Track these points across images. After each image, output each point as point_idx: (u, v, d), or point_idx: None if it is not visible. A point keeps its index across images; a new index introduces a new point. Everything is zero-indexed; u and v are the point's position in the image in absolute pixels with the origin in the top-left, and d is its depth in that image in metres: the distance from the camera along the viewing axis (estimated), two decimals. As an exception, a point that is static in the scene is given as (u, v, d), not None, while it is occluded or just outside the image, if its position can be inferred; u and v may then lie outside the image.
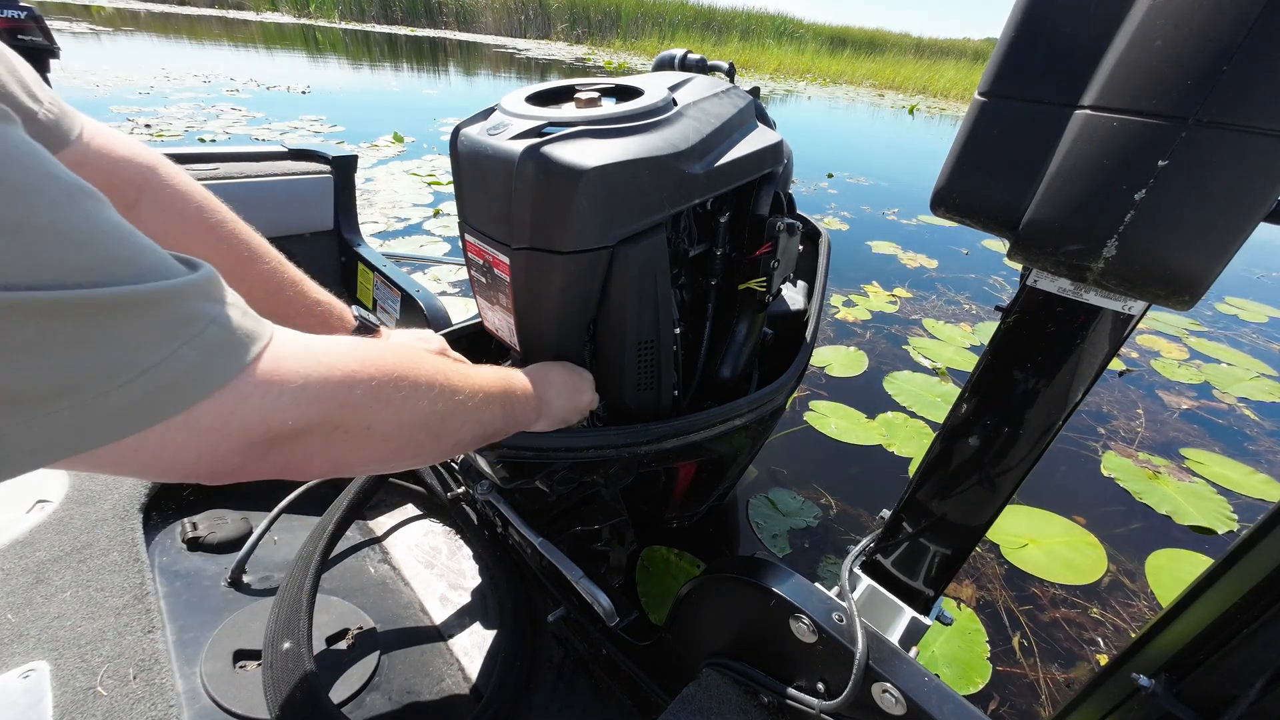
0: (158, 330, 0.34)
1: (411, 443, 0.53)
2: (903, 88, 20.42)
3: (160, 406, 0.35)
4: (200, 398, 0.37)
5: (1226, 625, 0.53)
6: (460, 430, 0.60)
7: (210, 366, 0.37)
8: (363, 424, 0.47)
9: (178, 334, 0.35)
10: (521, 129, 0.73)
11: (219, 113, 7.00)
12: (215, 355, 0.37)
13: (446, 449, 0.60)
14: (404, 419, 0.51)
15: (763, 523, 1.85)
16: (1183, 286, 0.45)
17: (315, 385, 0.43)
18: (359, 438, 0.48)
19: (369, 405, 0.47)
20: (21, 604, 0.92)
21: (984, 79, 0.52)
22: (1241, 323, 3.85)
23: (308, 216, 1.79)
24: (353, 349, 0.48)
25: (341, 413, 0.45)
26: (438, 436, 0.57)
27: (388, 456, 0.52)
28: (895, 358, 2.94)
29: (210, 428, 0.38)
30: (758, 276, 0.96)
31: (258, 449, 0.41)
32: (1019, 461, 0.67)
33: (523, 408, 0.72)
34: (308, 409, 0.43)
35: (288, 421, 0.41)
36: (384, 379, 0.49)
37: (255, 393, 0.39)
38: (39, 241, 0.30)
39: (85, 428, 0.33)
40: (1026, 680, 1.47)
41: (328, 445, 0.46)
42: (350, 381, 0.46)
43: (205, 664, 0.99)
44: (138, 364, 0.34)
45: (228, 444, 0.39)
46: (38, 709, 0.80)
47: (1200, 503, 2.13)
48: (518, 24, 31.05)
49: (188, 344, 0.36)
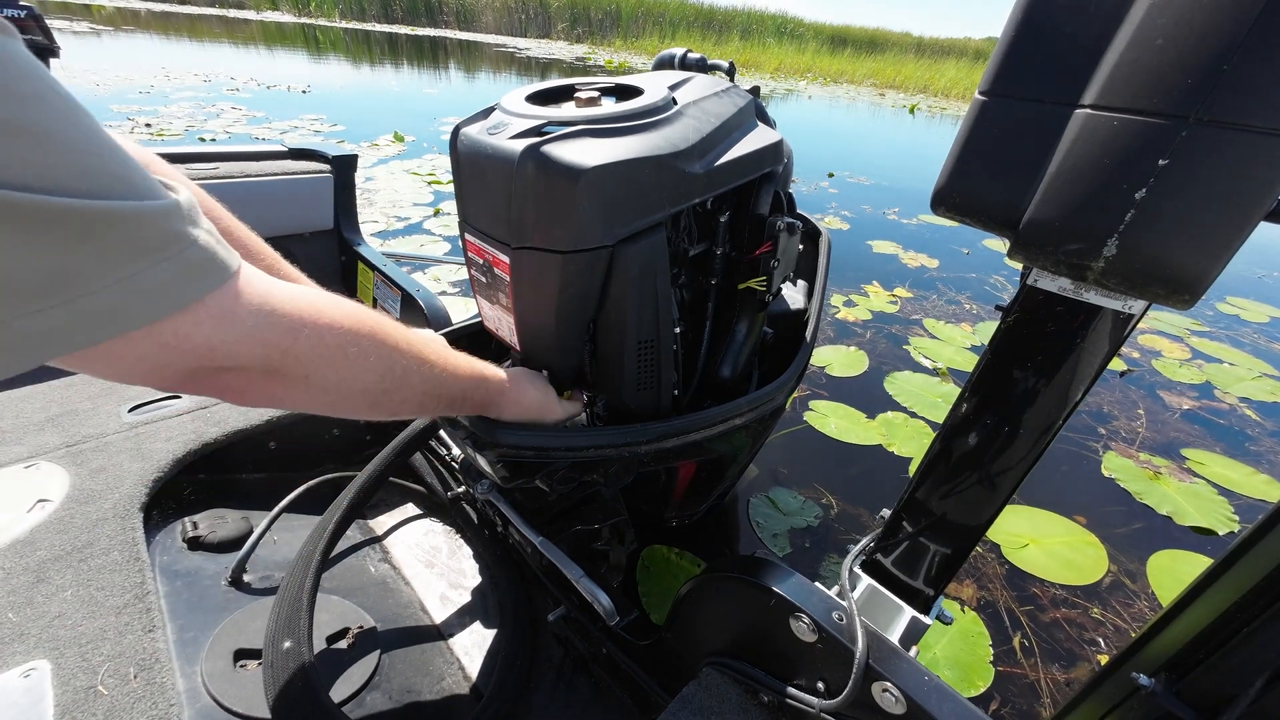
0: (143, 244, 0.37)
1: (348, 402, 0.56)
2: (903, 87, 20.41)
3: (134, 314, 0.38)
4: (167, 313, 0.39)
5: (1226, 625, 0.53)
6: (399, 407, 0.63)
7: (181, 286, 0.40)
8: (300, 373, 0.49)
9: (159, 249, 0.38)
10: (521, 128, 0.73)
11: (219, 112, 7.01)
12: (188, 275, 0.40)
13: (383, 415, 0.63)
14: (345, 379, 0.53)
15: (763, 522, 1.85)
16: (1183, 286, 0.45)
17: (267, 324, 0.45)
18: (296, 385, 0.50)
19: (311, 357, 0.49)
20: (22, 603, 0.92)
21: (984, 78, 0.52)
22: (1243, 322, 3.85)
23: (308, 216, 1.79)
24: (313, 302, 0.50)
25: (282, 358, 0.47)
26: (375, 405, 0.59)
27: (325, 407, 0.55)
28: (896, 358, 2.94)
29: (167, 345, 0.41)
30: (758, 276, 0.96)
31: (203, 373, 0.44)
32: (1019, 461, 0.67)
33: (472, 410, 0.76)
34: (251, 348, 0.45)
35: (232, 355, 0.44)
36: (337, 333, 0.51)
37: (209, 320, 0.42)
38: (45, 148, 0.32)
39: (73, 327, 0.35)
40: (1027, 680, 1.47)
41: (265, 383, 0.48)
42: (299, 329, 0.48)
43: (206, 663, 1.00)
44: (122, 270, 0.36)
45: (179, 362, 0.42)
46: (38, 708, 0.80)
47: (1201, 503, 2.13)
48: (518, 23, 31.03)
49: (168, 260, 0.38)
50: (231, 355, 0.44)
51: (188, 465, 1.25)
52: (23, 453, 1.19)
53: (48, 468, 1.16)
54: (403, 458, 1.12)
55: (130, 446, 1.23)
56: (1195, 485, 2.23)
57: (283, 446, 1.43)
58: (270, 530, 1.20)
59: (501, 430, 0.80)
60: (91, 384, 1.42)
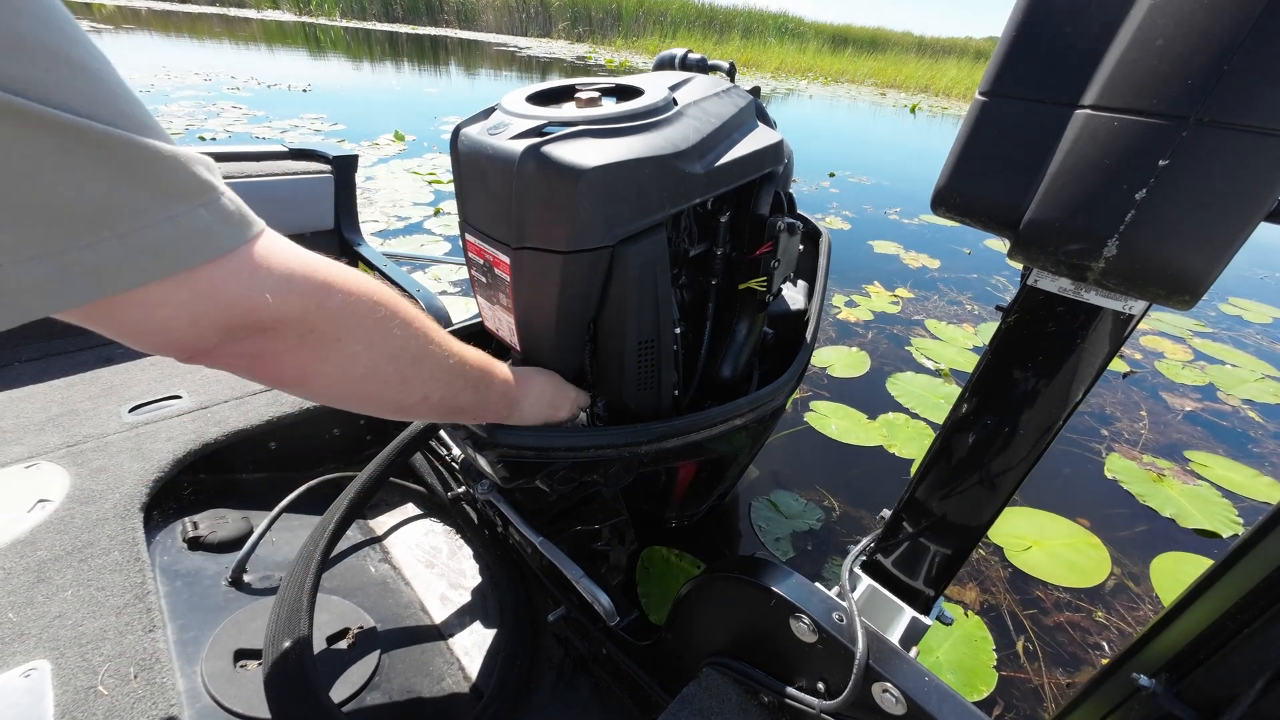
0: (184, 185, 0.37)
1: (377, 374, 0.54)
2: (905, 87, 20.39)
3: (172, 258, 0.37)
4: (206, 258, 0.38)
5: (1226, 625, 0.53)
6: (429, 384, 0.60)
7: (219, 231, 0.39)
8: (334, 334, 0.48)
9: (198, 194, 0.38)
10: (522, 129, 0.73)
11: (219, 111, 7.01)
12: (223, 222, 0.39)
13: (411, 400, 0.60)
14: (375, 342, 0.52)
15: (765, 526, 1.84)
16: (1183, 286, 0.45)
17: (299, 279, 0.44)
18: (330, 349, 0.49)
19: (344, 316, 0.48)
20: (22, 603, 0.92)
21: (985, 79, 0.52)
22: (1245, 323, 3.84)
23: (308, 216, 1.79)
24: (336, 265, 0.49)
25: (318, 314, 0.46)
26: (405, 379, 0.57)
27: (355, 379, 0.53)
28: (898, 358, 2.93)
29: (205, 292, 0.39)
30: (758, 276, 0.96)
31: (238, 331, 0.43)
32: (1019, 461, 0.67)
33: (495, 399, 0.73)
34: (288, 300, 0.44)
35: (270, 306, 0.43)
36: (363, 298, 0.50)
37: (246, 268, 0.41)
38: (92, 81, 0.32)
39: (124, 263, 0.34)
40: (1030, 685, 1.46)
41: (300, 346, 0.47)
42: (330, 287, 0.47)
43: (206, 663, 1.00)
44: (171, 208, 0.36)
45: (214, 314, 0.40)
46: (39, 708, 0.80)
47: (1205, 506, 2.12)
48: (519, 22, 31.03)
49: (204, 206, 0.38)
50: (268, 309, 0.43)
51: (188, 465, 1.25)
52: (23, 453, 1.19)
53: (48, 468, 1.16)
54: (403, 458, 1.12)
55: (131, 446, 1.24)
56: (1199, 488, 2.22)
57: (283, 446, 1.43)
58: (270, 530, 1.20)
59: (501, 430, 0.80)
60: (92, 384, 1.42)
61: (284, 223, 1.78)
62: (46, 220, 0.31)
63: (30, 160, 0.30)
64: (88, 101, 0.32)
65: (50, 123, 0.30)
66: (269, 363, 0.47)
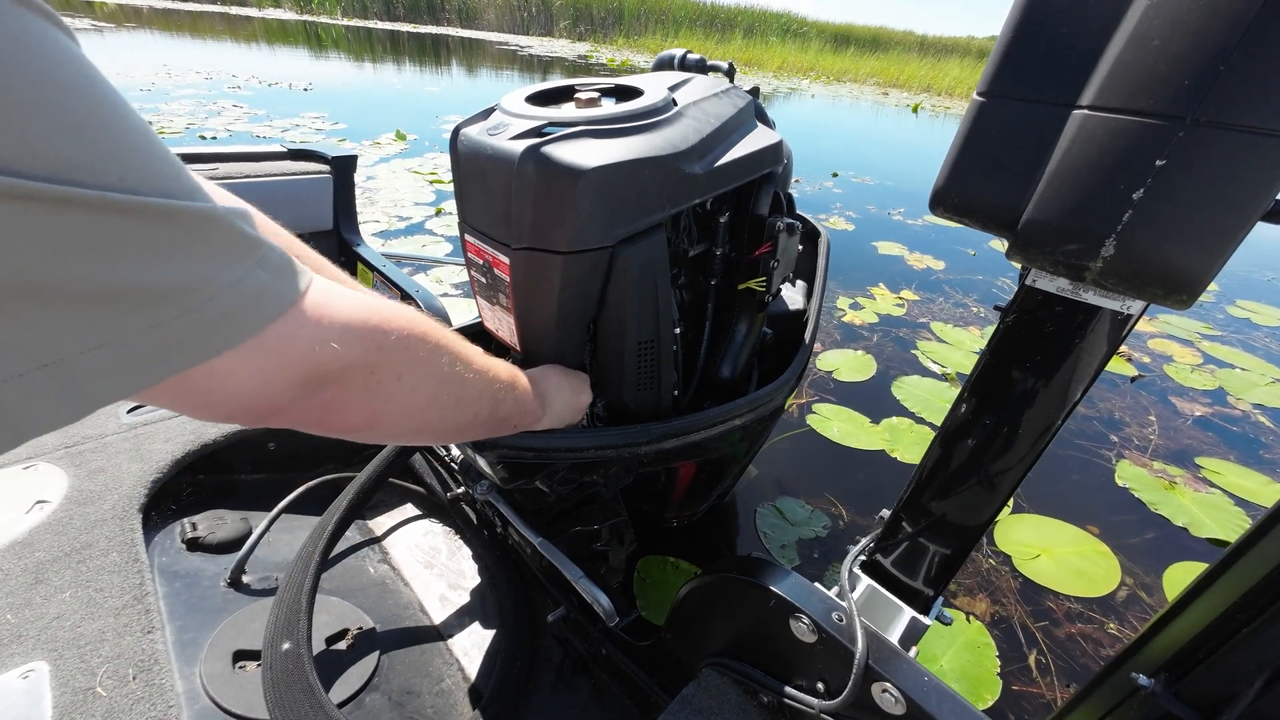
0: (238, 246, 0.35)
1: (436, 403, 0.55)
2: (907, 86, 20.39)
3: (240, 324, 0.35)
4: (272, 318, 0.37)
5: (1226, 625, 0.53)
6: (479, 402, 0.61)
7: (278, 288, 0.38)
8: (395, 371, 0.49)
9: (249, 253, 0.36)
10: (521, 129, 0.73)
11: (220, 110, 7.01)
12: (279, 277, 0.38)
13: (466, 420, 0.61)
14: (431, 372, 0.53)
15: (770, 532, 1.83)
16: (1181, 286, 0.45)
17: (357, 324, 0.44)
18: (392, 386, 0.49)
19: (401, 353, 0.49)
20: (21, 604, 0.92)
21: (983, 79, 0.52)
22: (1254, 326, 3.81)
23: (307, 216, 1.79)
24: (379, 301, 0.49)
25: (379, 354, 0.47)
26: (459, 401, 0.58)
27: (417, 410, 0.53)
28: (903, 362, 2.91)
29: (275, 351, 0.38)
30: (757, 276, 0.96)
31: (310, 385, 0.42)
32: (1018, 461, 0.67)
33: (529, 402, 0.73)
34: (351, 345, 0.44)
35: (336, 355, 0.42)
36: (411, 331, 0.50)
37: (309, 320, 0.40)
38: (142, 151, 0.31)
39: (192, 339, 0.33)
40: (1044, 700, 1.44)
41: (366, 390, 0.47)
42: (385, 327, 0.47)
43: (205, 664, 1.00)
44: (232, 273, 0.34)
45: (286, 373, 0.40)
46: (37, 709, 0.80)
47: (1218, 514, 2.07)
48: (520, 21, 31.05)
49: (258, 264, 0.36)
50: (335, 358, 0.42)
51: (187, 466, 1.25)
52: (21, 453, 1.19)
53: (46, 468, 1.16)
54: (403, 458, 1.12)
55: (129, 447, 1.24)
56: (1211, 495, 2.17)
57: (282, 447, 1.43)
58: (269, 531, 1.20)
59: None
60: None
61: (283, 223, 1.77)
62: (111, 306, 0.30)
63: (91, 247, 0.28)
64: (139, 174, 0.30)
65: (108, 206, 0.29)
66: (340, 411, 0.47)
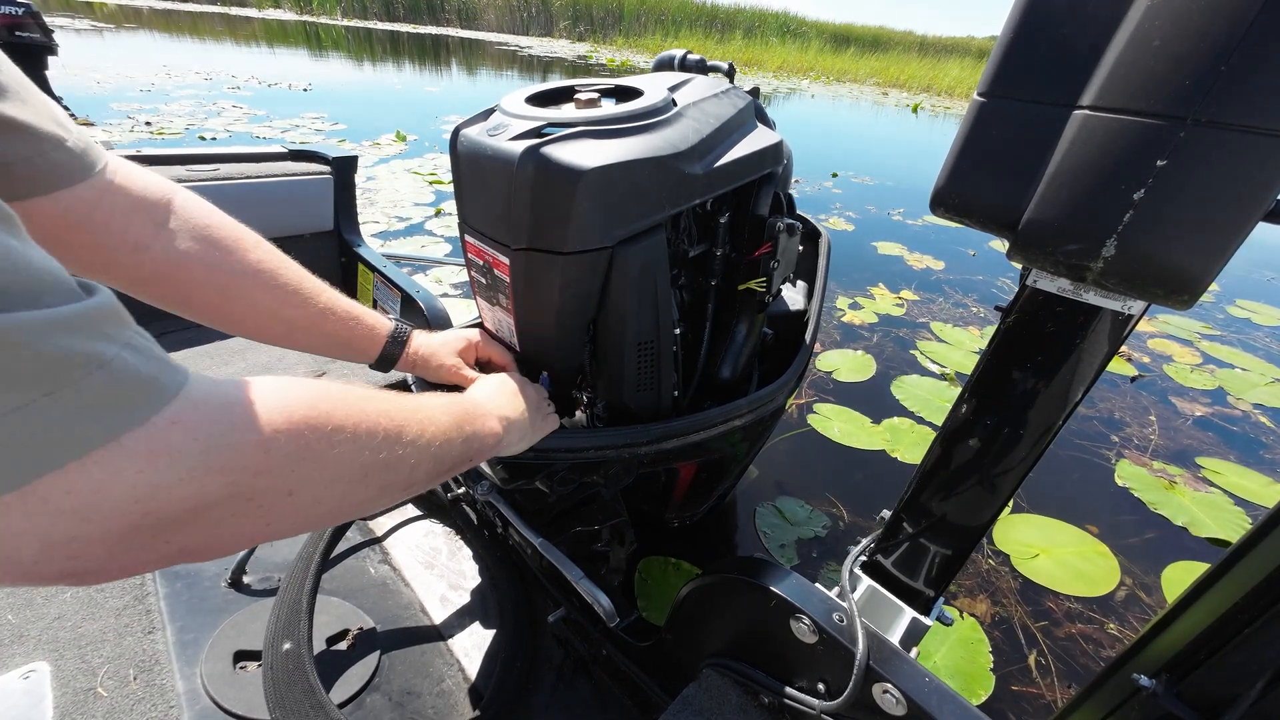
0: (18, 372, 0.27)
1: (348, 499, 0.47)
2: (907, 86, 20.40)
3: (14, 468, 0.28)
4: (46, 470, 0.28)
5: (1227, 625, 0.53)
6: (414, 470, 0.54)
7: (75, 428, 0.29)
8: (283, 489, 0.40)
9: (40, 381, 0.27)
10: (521, 129, 0.73)
11: (220, 110, 7.02)
12: (88, 412, 0.29)
13: (397, 494, 0.54)
14: (339, 475, 0.45)
15: (770, 532, 1.83)
16: (1181, 286, 0.45)
17: (222, 450, 0.36)
18: (278, 506, 0.40)
19: (292, 467, 0.40)
20: (22, 605, 0.93)
21: (983, 79, 0.52)
22: (1254, 326, 3.82)
23: (307, 217, 1.79)
24: (278, 397, 0.41)
25: (255, 481, 0.38)
26: (384, 487, 0.50)
27: (321, 518, 0.46)
28: (903, 362, 2.91)
29: (60, 510, 0.29)
30: (757, 277, 0.96)
31: (139, 537, 0.33)
32: (1019, 462, 0.67)
33: (483, 435, 0.67)
34: (207, 481, 0.35)
35: (179, 499, 0.34)
36: (313, 432, 0.42)
37: (132, 465, 0.31)
38: None
39: None
40: (1044, 701, 1.44)
41: (236, 520, 0.38)
42: (268, 442, 0.38)
43: (205, 665, 1.00)
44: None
45: (89, 531, 0.31)
46: (38, 709, 0.80)
47: (1218, 514, 2.08)
48: (520, 21, 31.06)
49: (49, 396, 0.28)
50: (178, 499, 0.34)
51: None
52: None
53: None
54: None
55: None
56: (1211, 495, 2.18)
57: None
58: (270, 531, 1.20)
59: None
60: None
61: (283, 224, 1.80)
62: None
63: None
64: None
65: None
66: (199, 552, 0.38)
